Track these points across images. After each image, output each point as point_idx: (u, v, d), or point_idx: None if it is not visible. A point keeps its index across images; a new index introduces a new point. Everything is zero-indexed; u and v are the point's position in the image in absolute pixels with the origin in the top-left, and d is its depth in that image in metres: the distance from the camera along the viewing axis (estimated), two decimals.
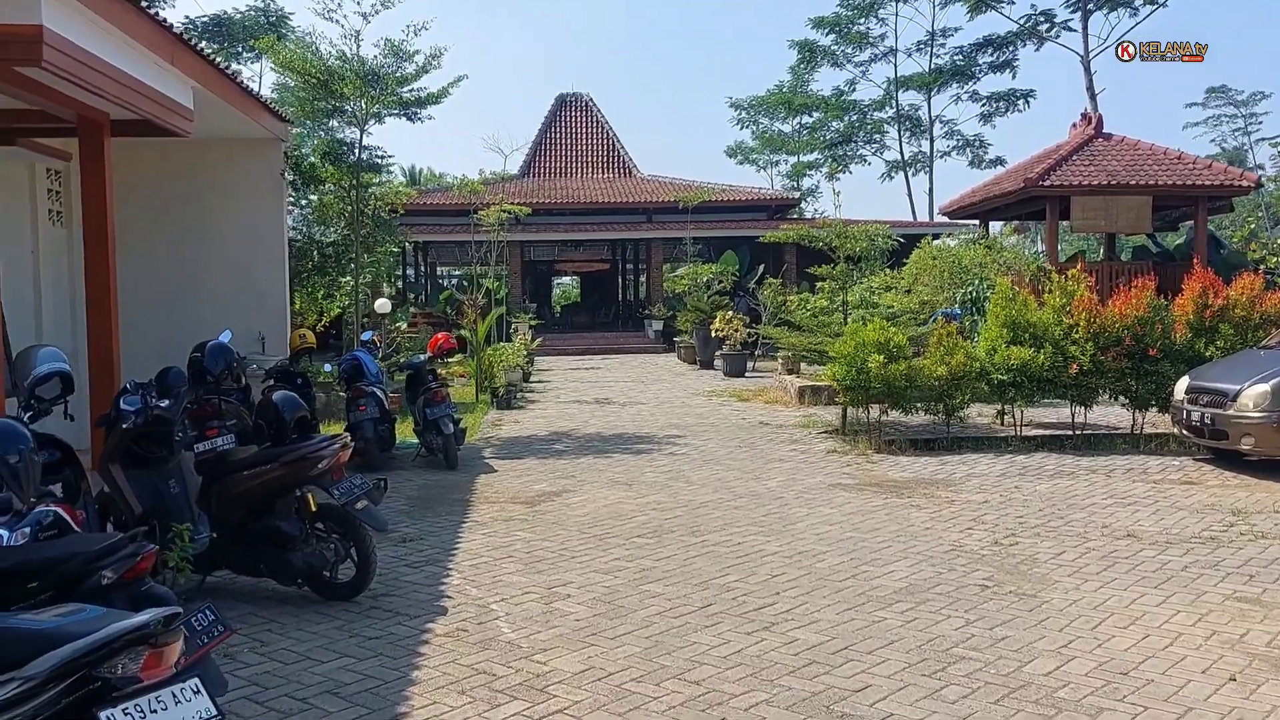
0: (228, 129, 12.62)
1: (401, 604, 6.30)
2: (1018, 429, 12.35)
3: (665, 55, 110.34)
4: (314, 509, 6.19)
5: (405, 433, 12.54)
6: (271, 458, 6.24)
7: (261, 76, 34.76)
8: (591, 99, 42.80)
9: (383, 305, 17.15)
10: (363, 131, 13.98)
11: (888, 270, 18.47)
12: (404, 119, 14.55)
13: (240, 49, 33.45)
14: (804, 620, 5.91)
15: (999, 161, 45.58)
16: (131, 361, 12.33)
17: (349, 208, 14.42)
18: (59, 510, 4.82)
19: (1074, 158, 23.60)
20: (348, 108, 13.77)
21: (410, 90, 14.02)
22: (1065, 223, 25.08)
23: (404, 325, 29.18)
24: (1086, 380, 11.90)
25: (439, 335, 12.49)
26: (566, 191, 36.64)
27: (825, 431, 13.52)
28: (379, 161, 14.02)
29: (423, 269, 41.92)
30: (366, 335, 13.03)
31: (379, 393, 11.48)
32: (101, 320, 9.47)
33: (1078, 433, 12.22)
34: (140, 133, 10.04)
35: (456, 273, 42.58)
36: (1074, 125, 26.06)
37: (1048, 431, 12.74)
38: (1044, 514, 8.63)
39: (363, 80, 13.34)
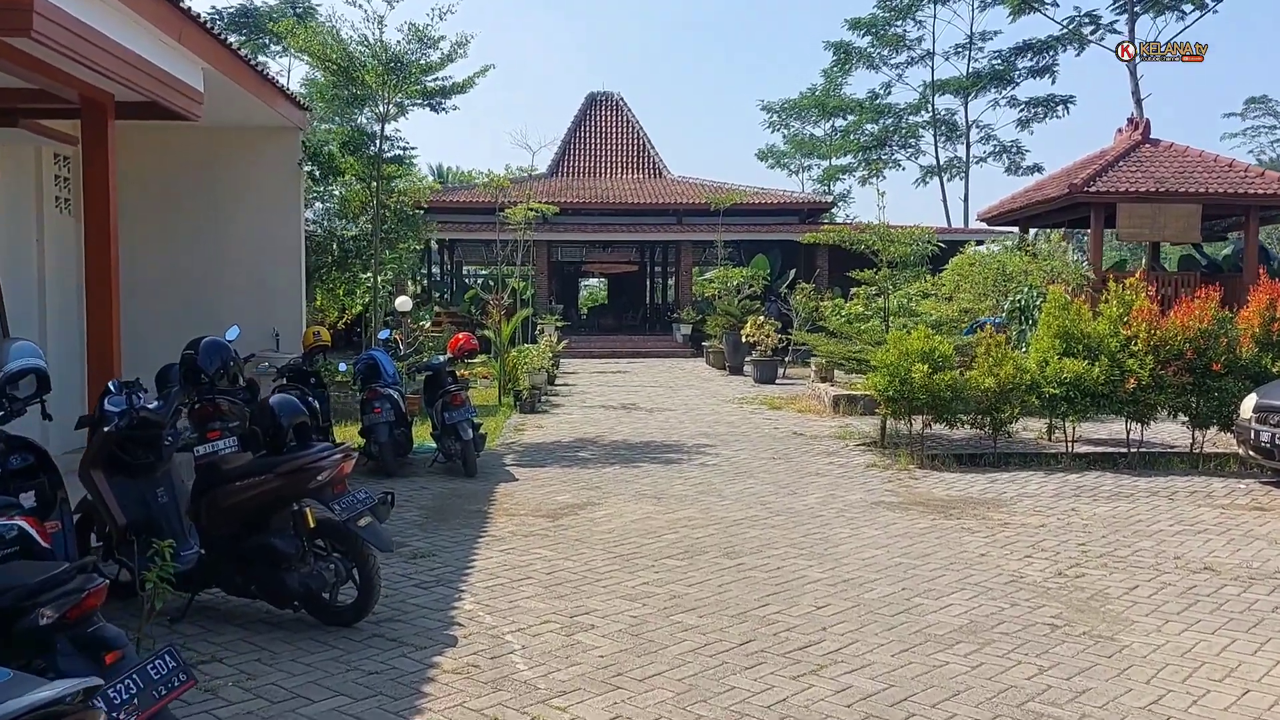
0: (243, 116, 12.13)
1: (407, 631, 5.69)
2: (1069, 445, 11.63)
3: (695, 57, 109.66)
4: (312, 525, 5.60)
5: (423, 436, 11.98)
6: (267, 467, 5.65)
7: (290, 71, 34.38)
8: (622, 98, 42.27)
9: (403, 303, 16.60)
10: (384, 121, 13.41)
11: (927, 277, 17.73)
12: (428, 109, 13.93)
13: (268, 40, 33.02)
14: (855, 663, 5.26)
15: (1036, 168, 44.72)
16: (141, 358, 11.84)
17: (370, 200, 13.86)
18: (23, 524, 4.25)
19: (1120, 164, 22.79)
20: (370, 96, 13.19)
21: (434, 79, 13.44)
22: (1109, 231, 24.32)
23: (427, 324, 28.72)
24: (1145, 396, 11.16)
25: (459, 335, 11.91)
26: (595, 191, 36.08)
27: (863, 444, 12.84)
28: (401, 154, 13.34)
29: (448, 267, 41.50)
30: (384, 334, 12.47)
31: (395, 395, 10.91)
32: (101, 314, 8.94)
33: (1133, 451, 11.49)
34: (147, 116, 9.53)
35: (483, 272, 42.11)
36: (1119, 130, 25.24)
37: (1100, 449, 12.02)
38: (1108, 541, 7.93)
39: (385, 67, 12.77)
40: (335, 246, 16.73)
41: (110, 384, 5.95)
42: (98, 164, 9.01)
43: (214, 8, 33.97)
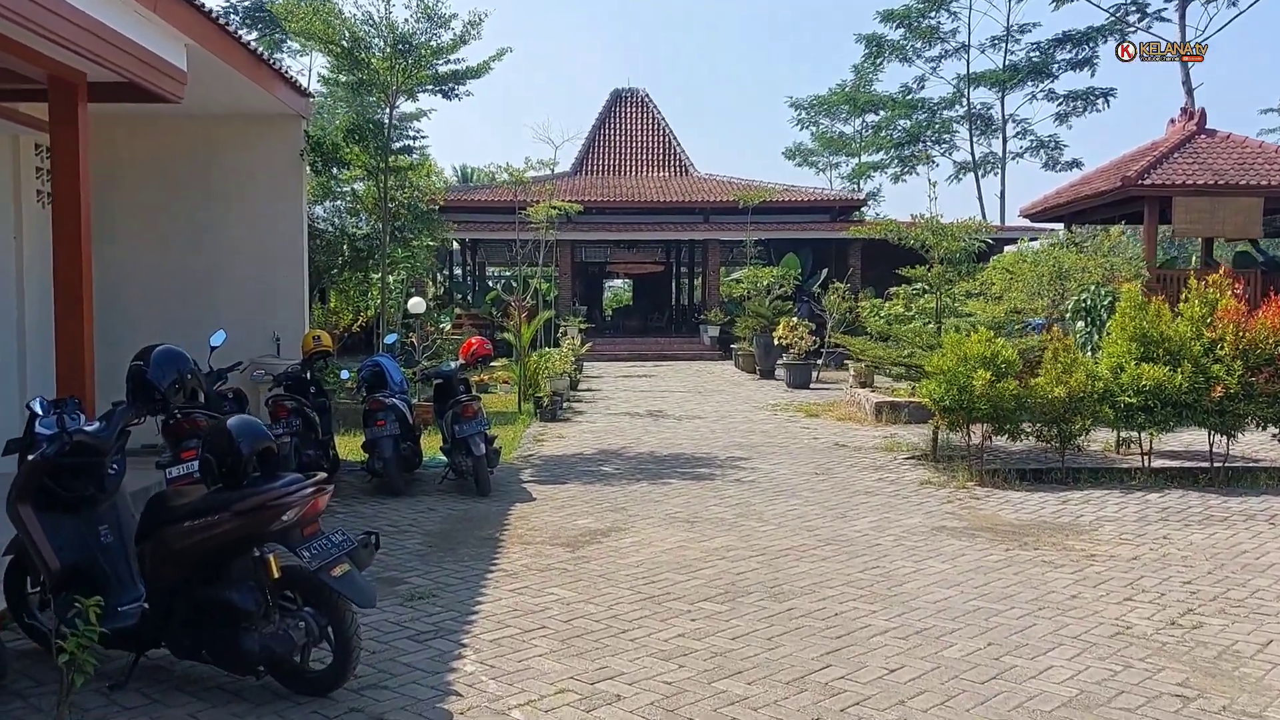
0: (238, 102, 11.19)
1: (393, 704, 4.69)
2: (1144, 459, 10.51)
3: (720, 55, 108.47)
4: (276, 575, 4.60)
5: (435, 449, 11.00)
6: (222, 505, 4.64)
7: (311, 70, 33.52)
8: (648, 94, 41.23)
9: (416, 305, 15.65)
10: (392, 107, 12.43)
11: (974, 275, 16.60)
12: (439, 95, 12.93)
13: (285, 36, 32.12)
14: None
15: (1075, 164, 43.31)
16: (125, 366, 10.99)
17: (381, 193, 12.91)
18: None
19: (1176, 155, 21.58)
20: (376, 81, 12.22)
21: (446, 62, 12.45)
22: (1164, 228, 23.10)
23: (448, 327, 27.83)
24: (1233, 405, 10.02)
25: (472, 340, 10.92)
26: (620, 190, 35.07)
27: (913, 457, 11.76)
28: (411, 144, 12.27)
29: (470, 268, 40.63)
30: (390, 338, 11.47)
31: (400, 405, 9.94)
32: (71, 318, 7.98)
33: (1217, 466, 10.36)
34: (125, 98, 8.54)
35: (506, 273, 41.18)
36: (1172, 121, 23.99)
37: (1176, 462, 10.89)
38: (1217, 579, 6.83)
39: (393, 49, 11.79)
40: (346, 246, 15.81)
41: (33, 403, 4.94)
42: (67, 151, 8.03)
43: (228, 2, 33.10)
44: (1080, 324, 11.50)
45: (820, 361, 22.28)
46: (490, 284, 37.99)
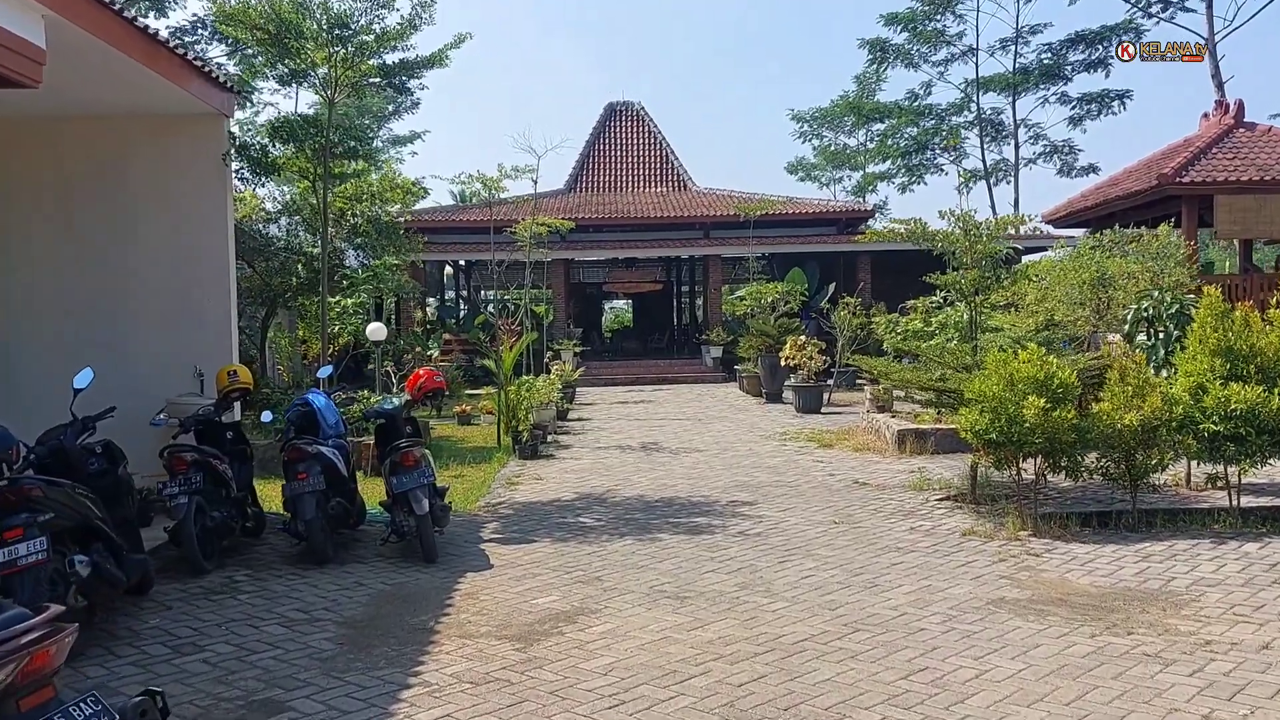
0: (144, 99, 9.53)
1: None
2: (1231, 498, 8.71)
3: (717, 70, 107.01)
4: None
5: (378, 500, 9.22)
6: None
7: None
8: (644, 108, 39.60)
9: (376, 331, 13.91)
10: (331, 103, 10.72)
11: (1017, 281, 14.83)
12: (388, 89, 11.22)
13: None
14: None
15: (1091, 169, 41.48)
16: (22, 406, 9.32)
17: (321, 203, 11.19)
18: None
19: (1214, 151, 19.83)
20: (310, 71, 10.52)
21: (394, 49, 10.73)
22: (1205, 230, 21.35)
23: (436, 353, 26.11)
24: None
25: (420, 371, 9.19)
26: (616, 206, 33.38)
27: (948, 498, 9.97)
28: (356, 146, 10.61)
29: (467, 293, 38.96)
30: (324, 371, 9.69)
31: (329, 453, 8.16)
32: None
33: None
34: None
35: (505, 297, 39.51)
36: (1205, 115, 22.26)
37: (1266, 500, 9.11)
38: None
39: (328, 34, 10.11)
40: (301, 266, 14.08)
41: None
42: None
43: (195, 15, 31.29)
44: (1141, 337, 9.77)
45: (830, 383, 20.49)
46: (481, 308, 36.29)
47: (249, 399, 9.54)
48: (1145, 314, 9.59)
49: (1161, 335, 9.46)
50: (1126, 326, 10.02)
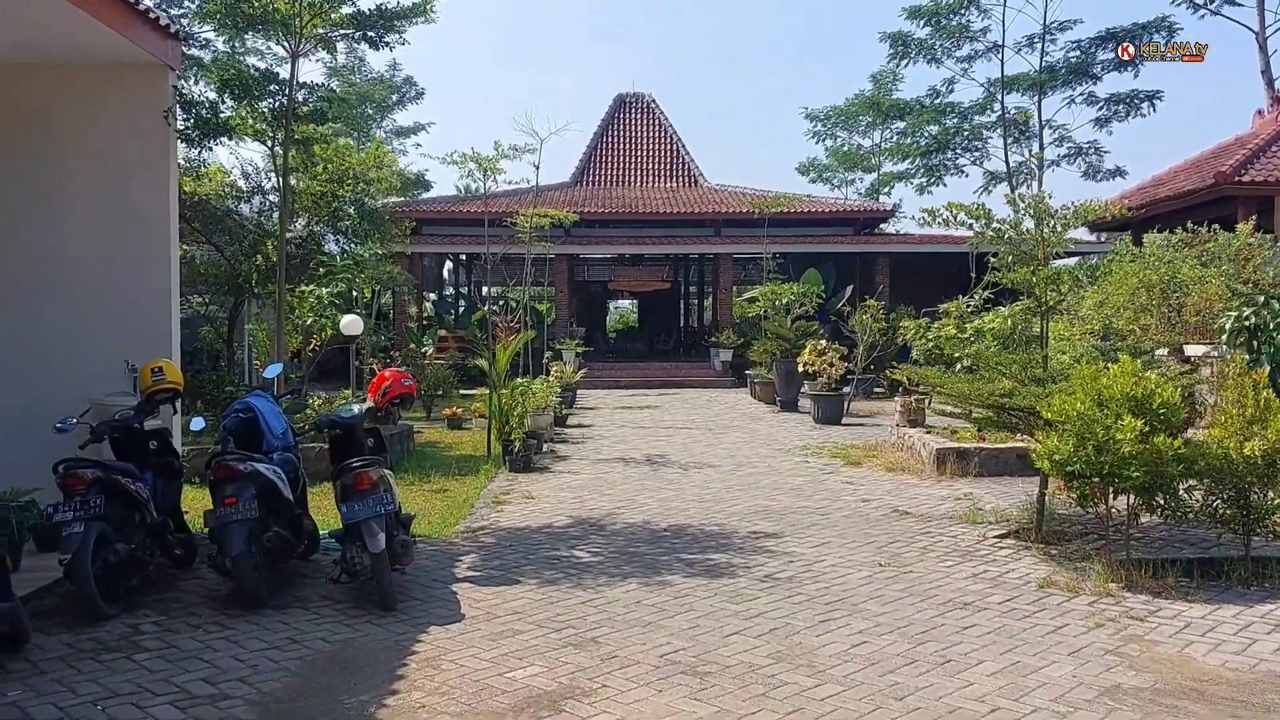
0: (70, 44, 8.04)
1: None
2: None
3: (729, 68, 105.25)
4: None
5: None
6: None
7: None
8: (654, 99, 38.16)
9: (351, 324, 12.43)
10: (296, 58, 9.22)
11: (1098, 280, 13.30)
12: (364, 44, 9.71)
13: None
14: None
15: (1119, 172, 39.78)
16: None
17: (281, 172, 9.68)
18: None
19: (1273, 149, 18.30)
20: (273, 20, 9.01)
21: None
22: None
23: (431, 350, 24.61)
24: None
25: (385, 373, 7.66)
26: (624, 200, 31.88)
27: (1009, 534, 8.44)
28: (326, 105, 9.16)
29: (468, 288, 37.50)
30: (272, 370, 8.14)
31: (267, 471, 6.63)
32: None
33: None
34: None
35: (508, 293, 38.01)
36: (1259, 112, 20.78)
37: None
38: None
39: None
40: (271, 249, 12.58)
41: None
42: None
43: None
44: (1243, 351, 8.30)
45: (849, 390, 18.95)
46: (480, 304, 34.81)
47: (180, 400, 8.01)
48: (1246, 323, 8.12)
49: (1270, 349, 7.97)
50: (1224, 337, 8.49)
